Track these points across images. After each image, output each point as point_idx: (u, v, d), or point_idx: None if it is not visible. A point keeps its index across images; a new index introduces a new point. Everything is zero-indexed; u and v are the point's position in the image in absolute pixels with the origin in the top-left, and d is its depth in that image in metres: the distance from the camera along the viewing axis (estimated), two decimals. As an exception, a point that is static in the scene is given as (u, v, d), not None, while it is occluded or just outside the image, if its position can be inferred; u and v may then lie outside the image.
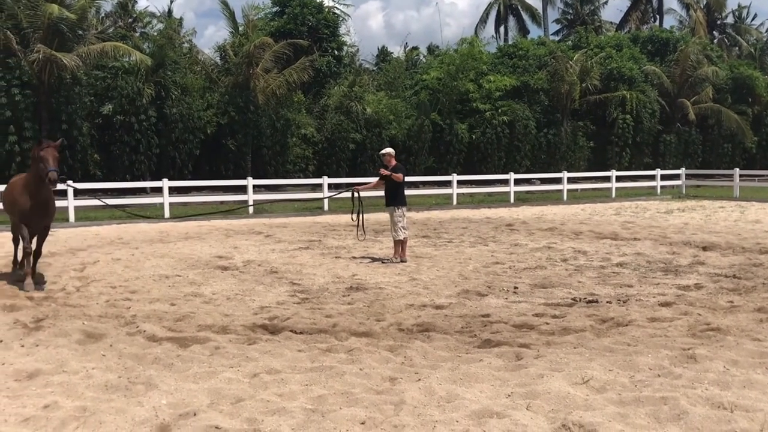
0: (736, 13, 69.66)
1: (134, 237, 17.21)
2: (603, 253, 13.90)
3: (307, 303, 9.35)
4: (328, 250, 14.76)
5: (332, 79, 37.40)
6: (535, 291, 10.10)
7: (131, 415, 5.25)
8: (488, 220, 21.27)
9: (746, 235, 16.48)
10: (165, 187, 23.68)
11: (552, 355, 6.70)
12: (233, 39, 35.19)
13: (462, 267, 12.34)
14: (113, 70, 29.73)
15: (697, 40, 50.04)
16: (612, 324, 7.96)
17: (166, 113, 30.08)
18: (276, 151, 32.88)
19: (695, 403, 5.34)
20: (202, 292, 10.15)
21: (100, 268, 12.37)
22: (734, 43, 66.01)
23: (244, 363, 6.54)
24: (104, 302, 9.41)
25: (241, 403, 5.48)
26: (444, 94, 37.75)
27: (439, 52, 45.58)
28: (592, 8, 65.43)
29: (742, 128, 43.59)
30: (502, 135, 37.93)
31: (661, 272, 11.58)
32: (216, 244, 15.87)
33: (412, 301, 9.38)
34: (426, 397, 5.57)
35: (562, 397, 5.47)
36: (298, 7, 37.36)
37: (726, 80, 45.44)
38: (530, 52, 41.93)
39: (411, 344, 7.14)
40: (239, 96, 31.97)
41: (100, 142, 29.58)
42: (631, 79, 41.77)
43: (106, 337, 7.48)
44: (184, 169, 30.93)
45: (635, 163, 41.97)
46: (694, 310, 8.57)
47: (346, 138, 34.48)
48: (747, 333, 7.43)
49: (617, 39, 47.61)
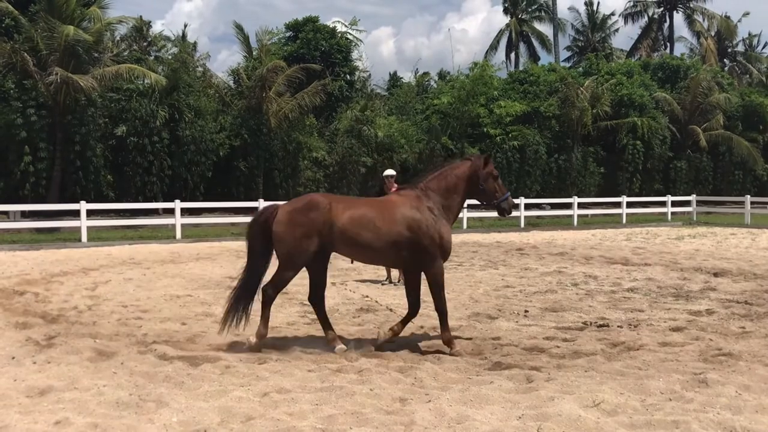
0: (747, 41, 69.80)
1: (146, 257, 17.30)
2: (614, 278, 13.87)
3: (317, 324, 9.34)
4: (338, 271, 14.79)
5: (344, 103, 37.61)
6: (546, 314, 10.09)
7: (142, 432, 5.26)
8: (498, 244, 21.26)
9: (758, 261, 16.41)
10: (177, 208, 23.83)
11: (563, 378, 6.68)
12: (247, 63, 35.52)
13: (472, 290, 12.34)
14: (128, 93, 30.02)
15: (708, 67, 50.11)
16: (623, 348, 7.94)
17: (179, 135, 30.29)
18: (287, 174, 33.01)
19: (707, 427, 5.31)
20: (213, 312, 10.17)
21: (112, 288, 12.43)
22: (745, 71, 66.05)
23: (254, 382, 6.55)
24: (116, 321, 9.46)
25: (252, 422, 5.49)
26: (455, 119, 37.89)
27: (450, 77, 45.77)
28: (603, 35, 65.64)
29: (753, 155, 43.47)
30: (513, 160, 37.97)
31: (672, 297, 11.55)
32: (227, 264, 15.92)
33: (423, 323, 9.38)
34: (436, 418, 5.56)
35: (573, 420, 5.45)
36: (311, 32, 37.69)
37: (737, 107, 45.41)
38: (541, 78, 42.06)
39: (421, 366, 7.13)
40: (252, 119, 32.18)
41: (113, 163, 29.81)
42: (641, 106, 41.80)
43: (117, 355, 7.51)
44: (196, 190, 31.07)
45: (646, 189, 41.88)
46: (706, 335, 8.54)
47: (356, 161, 34.60)
48: (759, 358, 7.39)
49: (628, 66, 47.71)
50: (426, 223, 7.82)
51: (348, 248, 7.87)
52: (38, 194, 26.89)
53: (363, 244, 7.72)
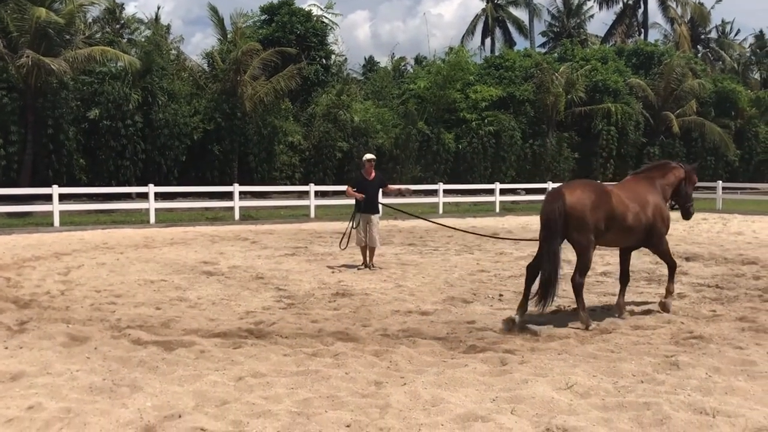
0: (720, 28, 70.51)
1: (119, 242, 17.15)
2: (587, 262, 13.98)
3: (293, 308, 9.37)
4: (314, 256, 14.78)
5: (320, 88, 37.43)
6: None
7: (116, 417, 5.24)
8: (474, 230, 21.32)
9: (729, 246, 16.64)
10: (151, 192, 23.63)
11: (536, 360, 6.75)
12: (221, 46, 35.18)
13: (448, 274, 12.39)
14: (100, 75, 29.63)
15: (682, 53, 50.51)
16: (596, 331, 8.03)
17: (152, 119, 29.99)
18: (262, 158, 32.84)
19: (678, 408, 5.39)
20: (188, 296, 10.14)
21: (85, 272, 12.33)
22: (718, 57, 66.73)
23: (229, 366, 6.54)
24: (89, 306, 9.38)
25: (227, 406, 5.49)
26: (431, 104, 37.88)
27: (426, 62, 45.73)
28: (578, 21, 65.89)
29: (725, 141, 43.97)
30: (489, 145, 38.08)
31: (645, 281, 11.69)
32: (201, 249, 15.85)
33: (398, 308, 9.42)
34: (411, 401, 5.59)
35: (547, 402, 5.52)
36: (287, 15, 37.39)
37: (710, 94, 45.87)
38: (516, 64, 42.16)
39: (397, 349, 7.16)
40: (226, 102, 31.92)
41: (86, 147, 29.43)
42: (615, 92, 42.08)
43: (90, 340, 7.46)
44: (170, 174, 30.80)
45: (619, 174, 42.10)
46: (677, 319, 8.66)
47: (333, 146, 34.50)
48: (729, 341, 7.51)
49: (602, 52, 47.95)
50: (663, 208, 9.11)
51: (615, 232, 8.64)
52: (9, 178, 26.51)
53: (628, 228, 8.67)
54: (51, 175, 27.16)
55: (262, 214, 26.54)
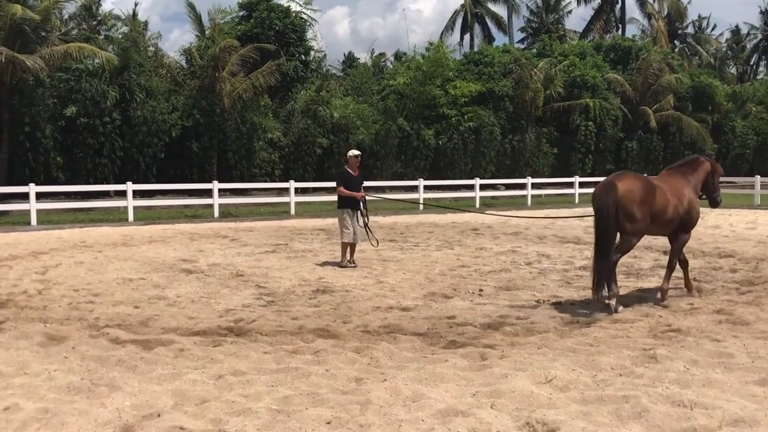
0: (697, 23, 71.21)
1: (97, 240, 17.01)
2: (566, 256, 14.08)
3: (273, 306, 9.33)
4: (294, 253, 14.73)
5: (299, 84, 37.35)
6: (500, 293, 10.20)
7: (94, 417, 5.19)
8: (454, 225, 21.39)
9: (706, 239, 16.78)
10: (129, 190, 23.43)
11: (516, 355, 6.77)
12: (199, 42, 34.99)
13: (428, 270, 12.41)
14: (77, 72, 29.32)
15: (659, 49, 50.90)
16: (575, 325, 8.07)
17: (130, 116, 29.75)
18: (242, 155, 32.71)
19: (656, 401, 5.43)
20: (167, 295, 10.07)
21: (63, 271, 12.21)
22: (694, 52, 67.35)
23: (209, 365, 6.51)
24: (67, 305, 9.30)
25: (206, 404, 5.46)
26: (411, 100, 37.90)
27: (406, 58, 45.74)
28: (557, 17, 66.22)
29: (702, 136, 44.36)
30: (468, 141, 38.19)
31: (623, 275, 11.76)
32: (181, 247, 15.75)
33: (379, 304, 9.41)
34: (392, 397, 5.59)
35: (526, 396, 5.54)
36: (265, 11, 37.24)
37: (687, 89, 46.25)
38: (495, 60, 42.29)
39: (377, 345, 7.16)
40: (205, 99, 31.74)
41: (63, 144, 29.14)
42: (594, 87, 42.34)
43: (68, 340, 7.39)
44: (149, 172, 30.59)
45: (598, 169, 42.48)
46: (656, 312, 8.72)
47: (312, 142, 34.43)
48: (707, 334, 7.58)
49: (581, 47, 48.23)
50: (695, 203, 9.68)
51: (656, 222, 9.21)
52: (-15, 177, 26.24)
53: (668, 220, 9.31)
54: (28, 173, 26.87)
55: (241, 211, 26.43)
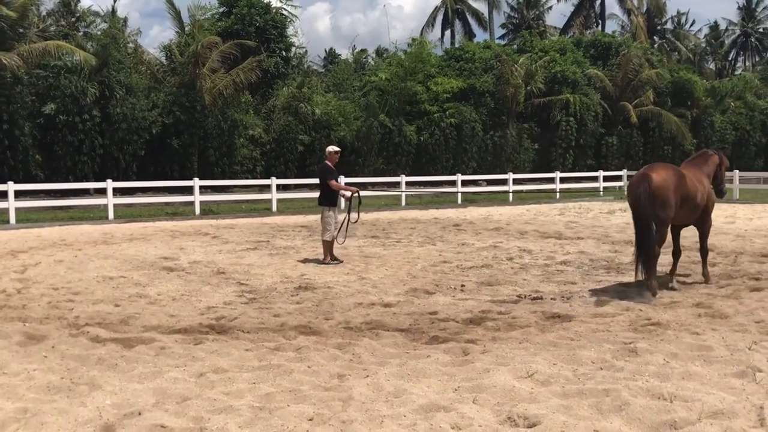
0: (676, 19, 71.68)
1: (77, 239, 16.88)
2: (547, 251, 14.14)
3: (254, 303, 9.31)
4: (276, 250, 14.70)
5: (280, 80, 37.23)
6: (482, 288, 10.23)
7: (74, 416, 5.16)
8: (436, 221, 21.42)
9: (685, 233, 16.87)
10: (109, 188, 23.26)
11: (498, 350, 6.80)
12: (179, 39, 34.75)
13: (410, 266, 12.42)
14: (55, 69, 29.04)
15: (639, 44, 51.19)
16: (556, 320, 8.12)
17: (110, 113, 29.51)
18: (223, 152, 32.57)
19: (636, 394, 5.47)
20: (147, 293, 10.02)
21: (42, 270, 12.11)
22: (674, 48, 67.77)
23: (190, 362, 6.48)
24: (46, 304, 9.22)
25: (187, 402, 5.43)
26: (392, 96, 37.88)
27: (387, 54, 45.71)
28: (537, 13, 66.42)
29: (682, 131, 44.67)
30: (450, 137, 38.24)
31: (604, 270, 11.84)
32: (161, 245, 15.66)
33: (361, 300, 9.41)
34: (374, 393, 5.60)
35: (508, 391, 5.56)
36: (246, 7, 37.07)
37: (666, 84, 46.57)
38: (476, 56, 42.37)
39: (359, 342, 7.16)
40: (185, 96, 31.56)
41: (42, 142, 28.86)
42: (574, 83, 42.53)
43: (48, 339, 7.33)
44: (129, 170, 30.38)
45: (579, 164, 42.71)
46: (636, 306, 8.78)
47: (294, 139, 34.35)
48: (686, 327, 7.65)
49: (561, 43, 48.41)
50: (711, 192, 10.63)
51: (686, 209, 9.97)
52: (-37, 175, 25.95)
53: (695, 207, 10.12)
54: (6, 171, 26.60)
55: (223, 208, 26.32)
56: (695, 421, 4.94)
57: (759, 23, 73.86)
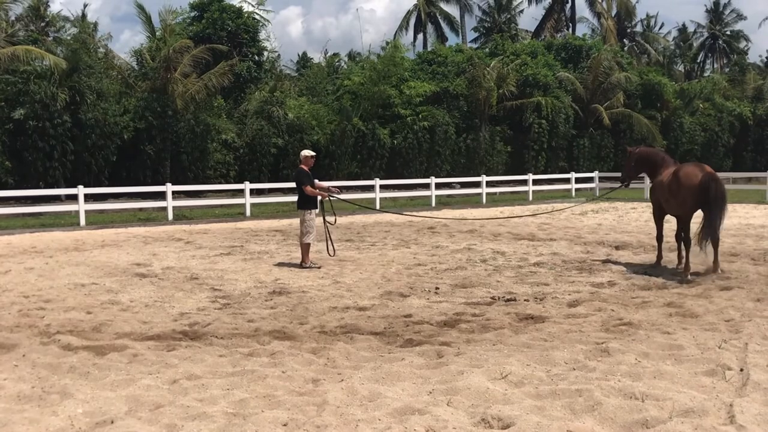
0: (645, 22, 72.59)
1: (48, 245, 16.68)
2: (521, 253, 14.23)
3: (228, 308, 9.27)
4: (250, 255, 14.64)
5: (253, 84, 37.09)
6: (456, 291, 10.28)
7: (45, 425, 5.11)
8: (411, 224, 21.46)
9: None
10: (80, 194, 23.00)
11: (472, 352, 6.83)
12: (150, 43, 34.47)
13: (385, 269, 12.44)
14: (25, 75, 28.63)
15: (609, 47, 51.71)
16: (529, 321, 8.18)
17: (81, 118, 29.19)
18: (196, 157, 32.34)
19: (608, 394, 5.53)
20: (120, 299, 9.93)
21: (12, 278, 11.95)
22: (643, 50, 68.61)
23: (163, 369, 6.44)
24: (17, 312, 9.10)
25: (161, 410, 5.40)
26: (366, 99, 37.88)
27: (360, 58, 45.73)
28: (509, 16, 66.84)
29: (652, 132, 45.16)
30: (423, 140, 38.33)
31: (576, 271, 11.95)
32: (134, 251, 15.53)
33: (336, 304, 9.41)
34: (348, 397, 5.60)
35: (482, 392, 5.60)
36: (217, 12, 36.91)
37: (636, 86, 47.09)
38: (449, 59, 42.56)
39: (334, 346, 7.16)
40: (157, 101, 31.31)
41: (11, 148, 28.43)
42: (546, 86, 42.87)
43: (18, 347, 7.24)
44: (101, 175, 30.06)
45: (551, 166, 43.03)
46: (608, 306, 8.88)
47: (267, 143, 34.22)
48: (657, 327, 7.74)
49: (532, 46, 48.77)
50: None
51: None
52: (-71, 183, 25.53)
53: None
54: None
55: (196, 213, 26.15)
56: (666, 420, 5.01)
57: (726, 26, 75.00)
